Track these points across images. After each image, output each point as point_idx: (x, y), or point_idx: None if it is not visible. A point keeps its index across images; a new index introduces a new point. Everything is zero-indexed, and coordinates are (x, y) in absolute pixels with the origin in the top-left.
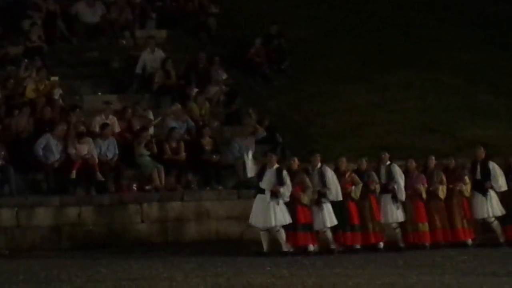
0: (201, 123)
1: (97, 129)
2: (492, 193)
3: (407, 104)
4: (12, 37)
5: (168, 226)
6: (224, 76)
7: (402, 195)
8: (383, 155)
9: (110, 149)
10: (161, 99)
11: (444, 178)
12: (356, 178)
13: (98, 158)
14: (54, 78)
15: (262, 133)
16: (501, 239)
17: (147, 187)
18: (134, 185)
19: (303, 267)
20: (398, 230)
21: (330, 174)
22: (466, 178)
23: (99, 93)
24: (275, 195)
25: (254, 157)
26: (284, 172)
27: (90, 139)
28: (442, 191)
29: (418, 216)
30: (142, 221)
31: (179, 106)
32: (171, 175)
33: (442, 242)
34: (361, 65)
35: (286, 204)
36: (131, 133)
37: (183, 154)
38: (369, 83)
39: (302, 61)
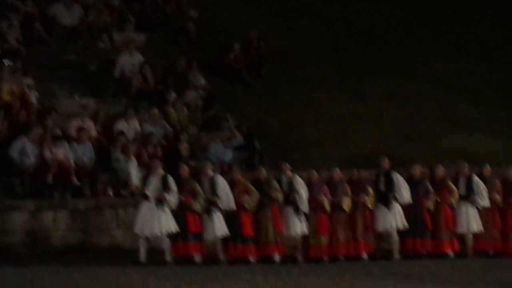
0: (178, 128)
1: (73, 133)
2: (396, 205)
3: (387, 113)
4: None
5: None
6: (203, 81)
7: (304, 207)
8: (283, 166)
9: (86, 153)
10: (139, 103)
11: (348, 190)
12: (251, 187)
13: (74, 162)
14: (29, 81)
15: (239, 140)
16: (396, 255)
17: (123, 192)
18: (110, 190)
19: (279, 275)
20: (299, 244)
21: (221, 182)
22: (370, 189)
23: (76, 97)
24: (160, 202)
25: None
26: (170, 178)
27: (66, 143)
28: (346, 203)
29: (321, 229)
30: (118, 226)
31: (156, 111)
32: None
33: (343, 256)
34: (341, 73)
35: (176, 212)
36: (108, 137)
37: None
38: (349, 92)
39: (282, 68)
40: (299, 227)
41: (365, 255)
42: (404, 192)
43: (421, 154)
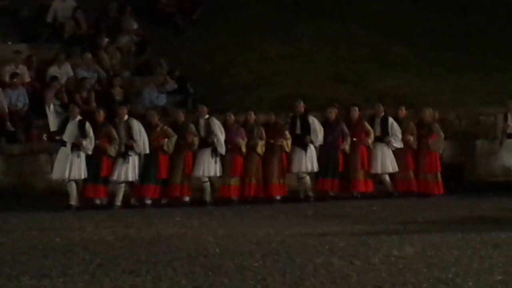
0: (111, 73)
1: (7, 79)
2: (311, 148)
3: (319, 55)
4: None
5: None
6: (135, 26)
7: (222, 149)
8: (200, 108)
9: (20, 99)
10: (72, 48)
11: (263, 133)
12: (169, 131)
13: (8, 108)
14: None
15: (172, 85)
16: (311, 194)
17: (57, 137)
18: (44, 135)
19: (213, 217)
20: (207, 185)
21: (137, 127)
22: (287, 133)
23: (9, 43)
24: (77, 147)
25: (57, 110)
26: (87, 124)
27: (0, 89)
28: (260, 147)
29: (234, 170)
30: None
31: (89, 55)
32: None
33: (252, 197)
34: (273, 15)
35: (91, 156)
36: (41, 83)
37: (93, 104)
38: (281, 34)
39: (215, 11)
40: (213, 168)
41: (278, 197)
42: (320, 134)
43: (353, 96)
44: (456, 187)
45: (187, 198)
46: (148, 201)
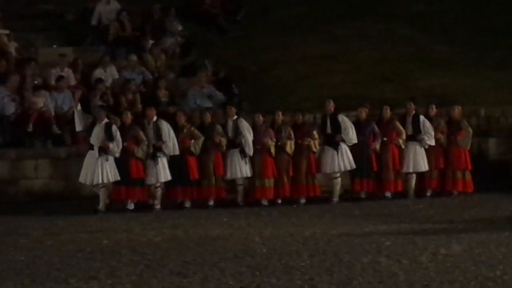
0: (156, 75)
1: (52, 82)
2: (343, 147)
3: (362, 55)
4: None
5: None
6: (180, 28)
7: (250, 150)
8: (228, 109)
9: (65, 102)
10: (117, 51)
11: (292, 133)
12: (196, 132)
13: (54, 111)
14: (4, 31)
15: (212, 89)
16: (336, 196)
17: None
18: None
19: (260, 217)
20: (240, 188)
21: (166, 128)
22: (315, 133)
23: (54, 46)
24: (104, 151)
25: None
26: (114, 127)
27: (46, 92)
28: (289, 146)
29: (266, 172)
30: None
31: (134, 57)
32: None
33: (289, 197)
34: (316, 15)
35: (120, 158)
36: (87, 85)
37: (139, 106)
38: (324, 34)
39: (258, 11)
40: (244, 169)
41: (303, 200)
42: (351, 133)
43: (397, 95)
44: (503, 184)
45: (211, 202)
46: (158, 206)
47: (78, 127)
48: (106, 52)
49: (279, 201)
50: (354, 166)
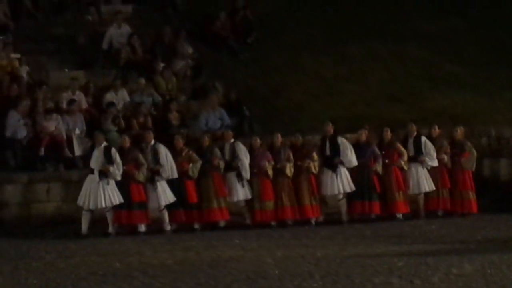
0: (168, 97)
1: (64, 106)
2: (342, 169)
3: (373, 75)
4: None
5: None
6: (190, 50)
7: (247, 173)
8: (225, 133)
9: (77, 125)
10: (128, 74)
11: (291, 155)
12: (194, 156)
13: (65, 134)
14: (16, 55)
15: (222, 113)
16: (344, 217)
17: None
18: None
19: (272, 239)
20: (245, 209)
21: (163, 152)
22: (314, 154)
23: (66, 69)
24: (104, 174)
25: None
26: (113, 150)
27: (58, 116)
28: (289, 169)
29: (265, 194)
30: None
31: (143, 81)
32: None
33: (289, 220)
34: (326, 36)
35: (120, 182)
36: (98, 108)
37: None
38: (334, 55)
39: (268, 33)
40: (242, 193)
41: (313, 220)
42: (350, 155)
43: (408, 115)
44: None
45: (222, 223)
46: (168, 227)
47: (77, 151)
48: (118, 76)
49: (290, 223)
50: (353, 188)
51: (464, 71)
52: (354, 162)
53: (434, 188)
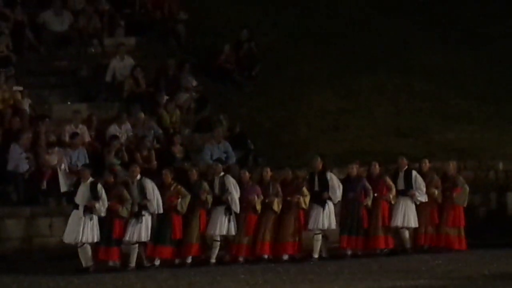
0: (171, 130)
1: (67, 139)
2: (330, 205)
3: (379, 109)
4: None
5: None
6: (194, 83)
7: (236, 207)
8: (215, 166)
9: (80, 158)
10: (131, 107)
11: (280, 190)
12: (183, 190)
13: (68, 168)
14: (18, 88)
15: (226, 146)
16: (315, 254)
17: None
18: None
19: (277, 274)
20: (216, 244)
21: (150, 186)
22: (304, 189)
23: (68, 102)
24: (89, 210)
25: (72, 170)
26: (99, 186)
27: (60, 149)
28: (277, 204)
29: (246, 229)
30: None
31: (142, 115)
32: None
33: (267, 256)
34: (331, 70)
35: (103, 218)
36: (101, 142)
37: (154, 163)
38: (340, 88)
39: (272, 67)
40: (226, 227)
41: (285, 256)
42: (338, 192)
43: (414, 149)
44: None
45: (189, 259)
46: (157, 262)
47: (63, 187)
48: (121, 108)
49: (285, 258)
50: (334, 226)
51: (471, 105)
52: (339, 198)
53: (417, 225)
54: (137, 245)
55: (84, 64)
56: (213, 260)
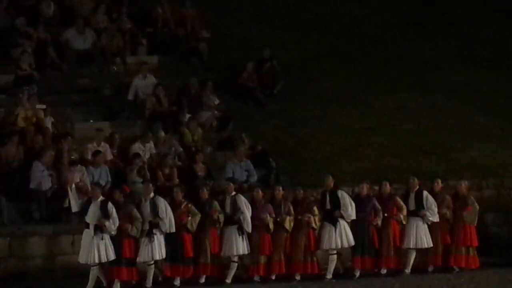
0: (193, 149)
1: (89, 157)
2: (342, 223)
3: (401, 127)
4: (2, 66)
5: None
6: (217, 101)
7: (248, 226)
8: (227, 186)
9: (102, 176)
10: (153, 125)
11: (291, 209)
12: (193, 209)
13: (90, 185)
14: (41, 106)
15: (248, 164)
16: (328, 275)
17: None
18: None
19: None
20: (234, 264)
21: (163, 205)
22: (315, 209)
23: (91, 121)
24: (100, 229)
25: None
26: (110, 205)
27: (83, 167)
28: (288, 222)
29: (262, 249)
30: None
31: (163, 133)
32: None
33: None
34: (353, 88)
35: (113, 237)
36: (123, 160)
37: (176, 181)
38: (362, 106)
39: (295, 85)
40: (241, 247)
41: (297, 276)
42: (350, 209)
43: (437, 168)
44: None
45: (202, 279)
46: (177, 282)
47: (74, 208)
48: (143, 127)
49: (273, 277)
50: (352, 243)
51: (494, 123)
52: (353, 216)
53: (432, 245)
54: (153, 265)
55: (107, 83)
56: (228, 281)
